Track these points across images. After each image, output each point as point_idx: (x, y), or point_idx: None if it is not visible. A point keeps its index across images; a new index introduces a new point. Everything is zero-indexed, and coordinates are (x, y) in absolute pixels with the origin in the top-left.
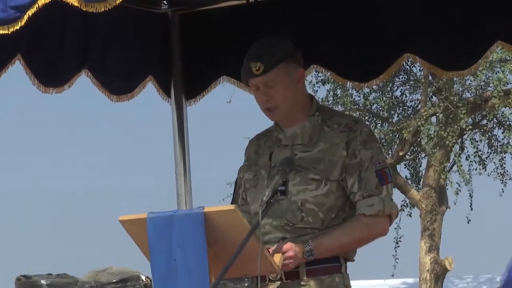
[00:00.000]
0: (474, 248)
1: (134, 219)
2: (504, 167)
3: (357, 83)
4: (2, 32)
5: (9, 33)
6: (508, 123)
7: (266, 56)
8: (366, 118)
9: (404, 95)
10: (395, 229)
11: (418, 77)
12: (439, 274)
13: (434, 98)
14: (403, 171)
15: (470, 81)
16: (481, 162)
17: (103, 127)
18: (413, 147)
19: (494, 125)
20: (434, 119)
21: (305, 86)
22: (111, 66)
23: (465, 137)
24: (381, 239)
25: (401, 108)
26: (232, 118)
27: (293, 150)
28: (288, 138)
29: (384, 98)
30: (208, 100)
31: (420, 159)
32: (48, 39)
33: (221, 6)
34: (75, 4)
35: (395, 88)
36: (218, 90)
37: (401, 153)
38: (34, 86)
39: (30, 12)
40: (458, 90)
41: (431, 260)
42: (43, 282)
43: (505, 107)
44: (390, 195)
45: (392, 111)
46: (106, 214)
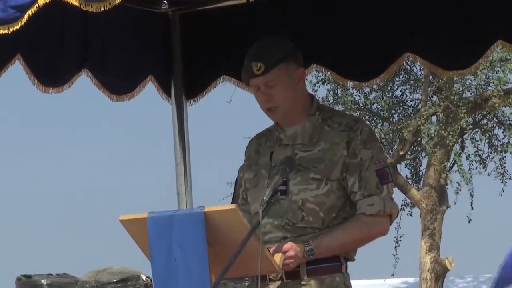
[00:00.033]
0: (474, 247)
1: (135, 219)
2: (504, 167)
3: (357, 83)
4: (2, 31)
5: (9, 32)
6: (508, 123)
7: (266, 56)
8: (367, 117)
9: (404, 95)
10: (396, 228)
11: (419, 76)
12: (440, 273)
13: (435, 98)
14: (404, 171)
15: (471, 80)
16: (481, 162)
17: (103, 127)
18: (413, 147)
19: (495, 124)
20: (435, 119)
21: (305, 85)
22: (111, 65)
23: (465, 136)
24: (381, 239)
25: (401, 107)
26: (232, 118)
27: (293, 149)
28: (288, 138)
29: (384, 98)
30: (208, 99)
31: (420, 159)
32: (48, 39)
33: (221, 5)
34: (75, 3)
35: (396, 87)
36: (218, 89)
37: (401, 152)
38: (34, 86)
39: (30, 11)
40: (459, 89)
41: (432, 259)
42: (44, 281)
43: (505, 107)
44: (391, 195)
45: (392, 111)
46: (106, 214)
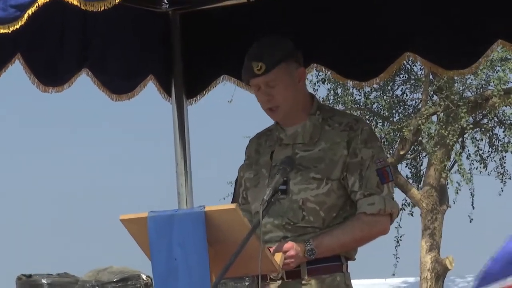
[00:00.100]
0: (474, 247)
1: (135, 218)
2: (504, 166)
3: (357, 82)
4: (2, 31)
5: (9, 32)
6: (509, 122)
7: (267, 56)
8: (367, 117)
9: (405, 94)
10: (396, 228)
11: (419, 76)
12: (440, 273)
13: (435, 97)
14: (404, 170)
15: (471, 80)
16: (482, 161)
17: (103, 127)
18: (414, 146)
19: (495, 124)
20: (435, 118)
21: (305, 85)
22: (111, 65)
23: (465, 136)
24: (382, 238)
25: (402, 107)
26: (232, 117)
27: (294, 149)
28: (289, 137)
29: (385, 97)
30: (208, 99)
31: (421, 158)
32: (48, 38)
33: (221, 5)
34: (75, 3)
35: (396, 87)
36: (218, 89)
37: (401, 152)
38: (33, 85)
39: (30, 11)
40: (459, 89)
41: (432, 259)
42: (44, 281)
43: (505, 106)
44: (391, 194)
45: (393, 110)
46: (107, 214)
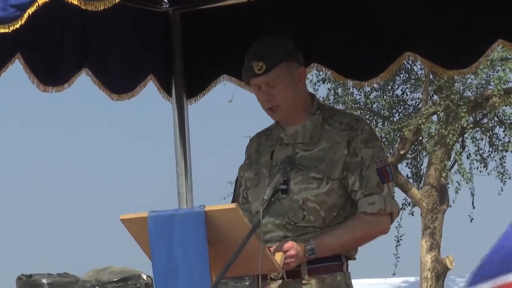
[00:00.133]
0: (475, 246)
1: (135, 218)
2: (504, 166)
3: (357, 82)
4: (2, 30)
5: (9, 31)
6: (509, 122)
7: (267, 55)
8: (367, 116)
9: (405, 94)
10: (396, 227)
11: (419, 75)
12: (440, 272)
13: (435, 97)
14: (404, 170)
15: (471, 79)
16: (482, 161)
17: (103, 127)
18: (414, 146)
19: (495, 123)
20: (435, 118)
21: (306, 85)
22: (111, 65)
23: (466, 135)
24: (382, 238)
25: (402, 106)
26: (233, 117)
27: (294, 148)
28: (289, 137)
29: (385, 97)
30: (208, 98)
31: (421, 158)
32: (48, 38)
33: (222, 5)
34: (75, 2)
35: (396, 86)
36: (219, 88)
37: (402, 152)
38: (33, 85)
39: (30, 10)
40: (459, 88)
41: (432, 258)
42: (44, 281)
43: (506, 106)
44: (391, 193)
45: (393, 110)
46: (107, 213)
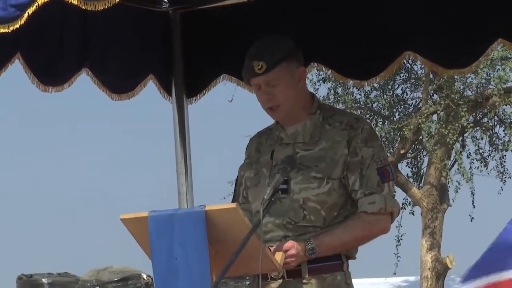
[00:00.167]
0: (475, 246)
1: (135, 218)
2: (504, 165)
3: (358, 81)
4: (2, 30)
5: (9, 31)
6: (509, 121)
7: (267, 55)
8: (367, 116)
9: (405, 93)
10: (397, 227)
11: (419, 75)
12: (440, 272)
13: (435, 96)
14: (404, 169)
15: (471, 79)
16: (482, 160)
17: (103, 127)
18: (414, 145)
19: (495, 123)
20: (435, 117)
21: (306, 84)
22: (111, 65)
23: (466, 135)
24: (382, 237)
25: (402, 106)
26: (233, 117)
27: (294, 148)
28: (289, 137)
29: (385, 96)
30: (208, 98)
31: (421, 157)
32: (47, 38)
33: (222, 4)
34: (75, 2)
35: (396, 86)
36: (219, 88)
37: (402, 151)
38: (33, 85)
39: (30, 10)
40: (459, 88)
41: (432, 258)
42: (44, 281)
43: (506, 105)
44: (392, 193)
45: (393, 109)
46: (107, 213)
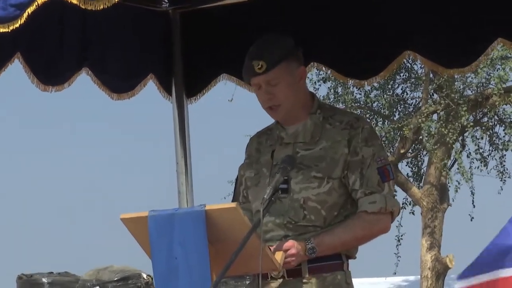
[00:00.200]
0: (475, 245)
1: (136, 217)
2: (504, 165)
3: (357, 81)
4: (2, 30)
5: (9, 31)
6: (509, 121)
7: (268, 54)
8: (367, 115)
9: (405, 93)
10: (397, 227)
11: (419, 74)
12: (440, 271)
13: (435, 96)
14: (405, 169)
15: (471, 78)
16: (482, 160)
17: (103, 127)
18: (414, 145)
19: (495, 122)
20: (435, 117)
21: (306, 84)
22: (111, 64)
23: (466, 134)
24: (382, 237)
25: (402, 105)
26: (233, 116)
27: (295, 148)
28: (290, 136)
29: (385, 96)
30: (209, 98)
31: (421, 157)
32: (47, 37)
33: (221, 4)
34: (74, 2)
35: (396, 85)
36: (219, 88)
37: (402, 150)
38: (33, 84)
39: (30, 10)
40: (459, 87)
41: (432, 257)
42: (45, 280)
43: (506, 105)
44: (392, 192)
45: (393, 109)
46: (107, 213)
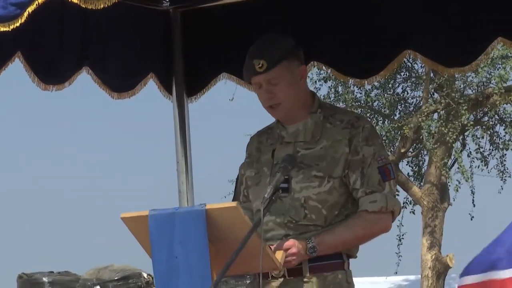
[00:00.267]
0: (475, 245)
1: (136, 217)
2: (504, 164)
3: (358, 80)
4: (2, 29)
5: (9, 30)
6: (509, 120)
7: (268, 53)
8: (368, 115)
9: (405, 92)
10: (398, 226)
11: (420, 74)
12: (441, 271)
13: (436, 95)
14: (405, 168)
15: (472, 78)
16: (482, 159)
17: (103, 127)
18: (415, 144)
19: (496, 121)
20: (436, 116)
21: (306, 83)
22: (112, 63)
23: (466, 133)
24: (383, 236)
25: (402, 105)
26: (233, 115)
27: (295, 147)
28: (290, 135)
29: (385, 95)
30: (209, 97)
31: (422, 156)
32: (48, 37)
33: (222, 3)
34: (75, 1)
35: (397, 85)
36: (219, 87)
37: (402, 150)
38: (34, 83)
39: (30, 9)
40: (460, 86)
41: (433, 257)
42: (45, 279)
43: (506, 104)
44: (393, 192)
45: (393, 108)
46: (108, 212)
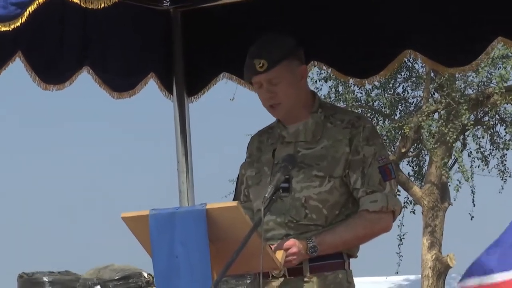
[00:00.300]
0: (475, 244)
1: (136, 216)
2: (504, 164)
3: (358, 80)
4: (3, 29)
5: (10, 29)
6: (510, 120)
7: (269, 53)
8: (368, 114)
9: (406, 92)
10: (398, 226)
11: (420, 73)
12: (441, 271)
13: (436, 95)
14: (406, 168)
15: (472, 77)
16: (483, 159)
17: (104, 126)
18: (416, 144)
19: (496, 121)
20: (436, 116)
21: (307, 83)
22: (112, 63)
23: (467, 133)
24: (384, 236)
25: (403, 104)
26: (234, 115)
27: (296, 147)
28: (291, 135)
29: (386, 95)
30: (209, 96)
31: (423, 156)
32: (48, 36)
33: (222, 3)
34: (75, 0)
35: (397, 84)
36: (220, 86)
37: (403, 150)
38: (34, 83)
39: (31, 8)
40: (460, 86)
41: (433, 257)
42: (45, 279)
43: (507, 104)
44: (394, 191)
45: (394, 108)
46: (108, 212)
